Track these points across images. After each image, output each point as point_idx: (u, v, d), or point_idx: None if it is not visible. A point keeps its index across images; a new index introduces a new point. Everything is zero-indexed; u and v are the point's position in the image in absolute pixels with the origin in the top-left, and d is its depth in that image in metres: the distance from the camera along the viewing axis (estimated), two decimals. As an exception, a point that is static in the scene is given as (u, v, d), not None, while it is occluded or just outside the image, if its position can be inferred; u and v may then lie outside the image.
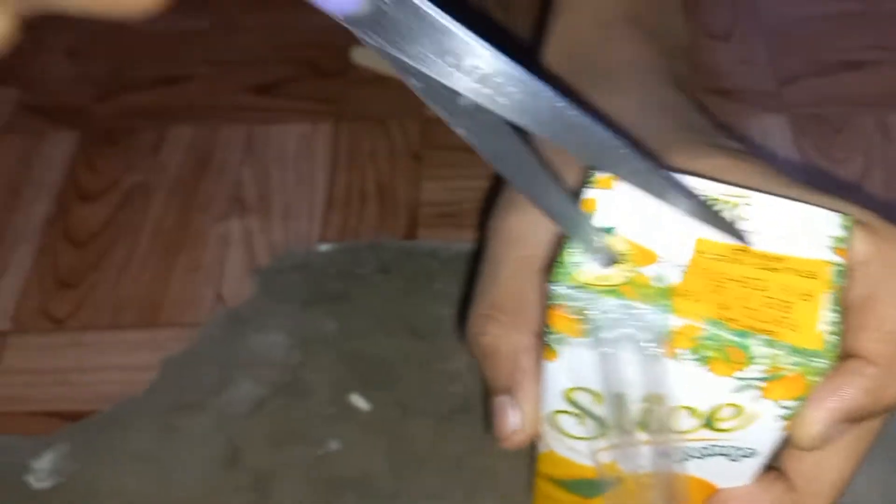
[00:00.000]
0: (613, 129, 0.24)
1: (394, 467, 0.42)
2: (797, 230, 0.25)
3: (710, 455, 0.28)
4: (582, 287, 0.24)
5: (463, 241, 0.50)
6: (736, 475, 0.29)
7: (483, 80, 0.22)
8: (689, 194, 0.25)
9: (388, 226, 0.52)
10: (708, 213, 0.25)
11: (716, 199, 0.26)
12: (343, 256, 0.50)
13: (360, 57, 0.60)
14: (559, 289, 0.24)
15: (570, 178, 0.28)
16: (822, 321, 0.23)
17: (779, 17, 0.62)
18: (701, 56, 0.60)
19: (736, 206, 0.26)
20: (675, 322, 0.23)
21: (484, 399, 0.43)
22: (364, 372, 0.45)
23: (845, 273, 0.25)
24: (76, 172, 0.55)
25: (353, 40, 0.23)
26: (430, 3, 0.22)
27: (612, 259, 0.24)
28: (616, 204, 0.26)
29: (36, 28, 0.25)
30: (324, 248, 0.51)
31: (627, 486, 0.31)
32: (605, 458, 0.30)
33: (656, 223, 0.25)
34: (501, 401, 0.32)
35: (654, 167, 0.25)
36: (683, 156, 0.31)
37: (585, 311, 0.24)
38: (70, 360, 0.46)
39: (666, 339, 0.24)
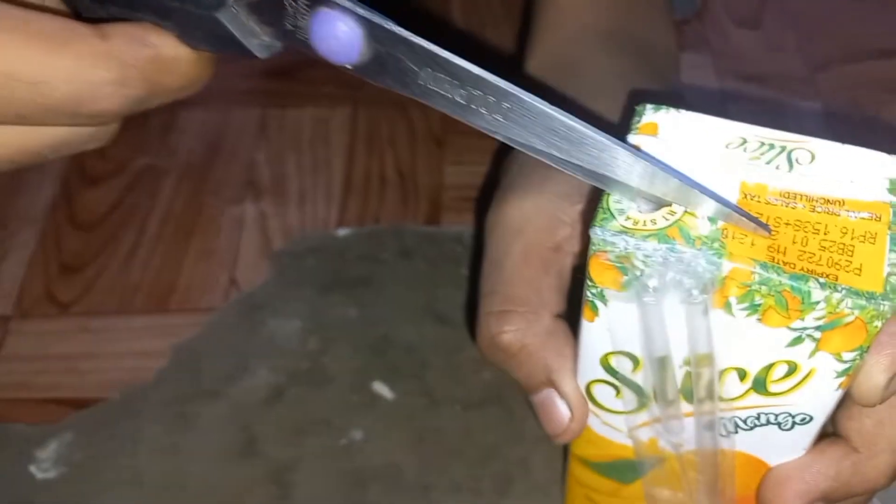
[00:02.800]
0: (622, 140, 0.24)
1: (421, 458, 0.42)
2: (854, 173, 0.25)
3: (760, 425, 0.28)
4: (624, 232, 0.24)
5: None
6: (788, 447, 0.29)
7: (491, 107, 0.23)
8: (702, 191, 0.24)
9: (410, 210, 0.52)
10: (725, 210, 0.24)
11: (771, 144, 0.26)
12: (363, 241, 0.50)
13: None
14: (600, 234, 0.24)
15: None
16: (886, 263, 0.23)
17: (804, 1, 0.62)
18: (731, 44, 0.60)
19: (791, 149, 0.26)
20: (725, 266, 0.23)
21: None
22: (387, 359, 0.45)
23: None
24: (82, 156, 0.55)
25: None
26: (425, 40, 0.23)
27: (657, 202, 0.24)
28: (662, 147, 0.26)
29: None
30: (342, 232, 0.51)
31: (668, 467, 0.31)
32: (644, 434, 0.30)
33: (705, 165, 0.25)
34: (545, 395, 0.31)
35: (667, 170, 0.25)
36: None
37: (628, 258, 0.24)
38: (76, 346, 0.46)
39: (715, 285, 0.23)
